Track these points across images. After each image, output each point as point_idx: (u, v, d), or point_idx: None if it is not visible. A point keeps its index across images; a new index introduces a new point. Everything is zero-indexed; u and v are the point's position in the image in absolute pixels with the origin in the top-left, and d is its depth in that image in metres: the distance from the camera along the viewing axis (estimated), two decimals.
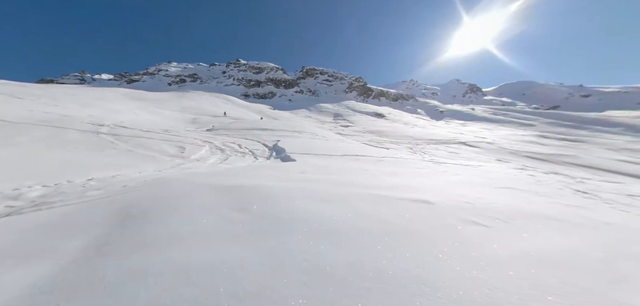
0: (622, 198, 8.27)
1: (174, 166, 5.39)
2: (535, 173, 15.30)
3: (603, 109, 60.98)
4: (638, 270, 1.55)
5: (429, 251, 1.60)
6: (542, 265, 1.52)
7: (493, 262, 1.51)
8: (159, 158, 6.32)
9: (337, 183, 3.28)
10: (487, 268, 1.44)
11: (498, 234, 1.97)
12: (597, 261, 1.62)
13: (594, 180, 14.71)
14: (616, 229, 2.41)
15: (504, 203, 2.92)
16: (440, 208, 2.45)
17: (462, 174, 5.44)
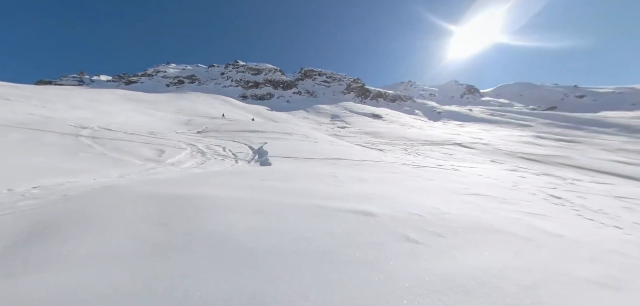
0: (599, 202, 8.04)
1: (141, 171, 5.25)
2: (525, 175, 15.19)
3: (598, 109, 60.92)
4: (560, 301, 1.41)
5: (321, 276, 1.46)
6: (453, 293, 1.38)
7: (392, 289, 1.37)
8: (130, 162, 6.18)
9: (290, 192, 3.14)
10: (379, 297, 1.30)
11: (426, 252, 1.83)
12: (517, 287, 1.48)
13: (584, 181, 14.63)
14: (564, 244, 2.27)
15: (458, 213, 2.78)
16: (380, 221, 2.31)
17: (437, 179, 5.30)
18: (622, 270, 1.87)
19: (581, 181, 14.74)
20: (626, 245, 2.44)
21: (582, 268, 1.83)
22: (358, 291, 1.34)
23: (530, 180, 13.72)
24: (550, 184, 13.00)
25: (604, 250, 2.23)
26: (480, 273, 1.57)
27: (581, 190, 12.13)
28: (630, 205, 9.89)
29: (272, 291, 1.28)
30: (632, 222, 3.58)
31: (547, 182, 13.71)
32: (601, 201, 10.22)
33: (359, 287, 1.38)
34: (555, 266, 1.81)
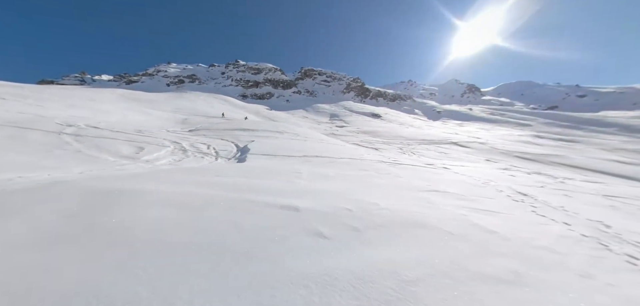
0: (582, 200, 7.89)
1: (106, 167, 5.24)
2: (515, 173, 15.05)
3: (599, 109, 60.23)
4: (437, 296, 1.35)
5: (205, 269, 1.41)
6: (320, 287, 1.33)
7: (267, 281, 1.32)
8: (102, 159, 6.18)
9: (235, 188, 3.10)
10: (249, 288, 1.25)
11: (328, 247, 1.78)
12: (397, 282, 1.42)
13: (576, 180, 14.48)
14: (490, 239, 2.20)
15: (396, 209, 2.72)
16: (301, 215, 2.26)
17: (405, 177, 5.23)
18: (533, 266, 1.80)
19: (572, 179, 14.58)
20: (560, 241, 2.36)
21: (490, 263, 1.76)
22: (232, 283, 1.30)
23: (519, 179, 13.61)
24: (538, 183, 12.87)
25: (532, 246, 2.16)
26: (366, 268, 1.52)
27: (569, 189, 12.01)
28: (616, 204, 9.77)
29: (138, 283, 1.23)
30: (586, 218, 3.49)
31: (536, 181, 13.57)
32: (586, 199, 10.10)
33: (236, 279, 1.34)
34: (461, 261, 1.74)
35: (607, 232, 2.97)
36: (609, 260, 2.11)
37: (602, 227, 3.19)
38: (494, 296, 1.40)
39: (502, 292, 1.44)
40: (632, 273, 1.90)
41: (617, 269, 1.94)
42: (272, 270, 1.45)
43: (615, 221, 3.77)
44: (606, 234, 2.91)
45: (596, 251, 2.26)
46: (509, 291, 1.46)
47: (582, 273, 1.78)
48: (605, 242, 2.56)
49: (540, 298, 1.43)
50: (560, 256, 2.04)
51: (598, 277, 1.76)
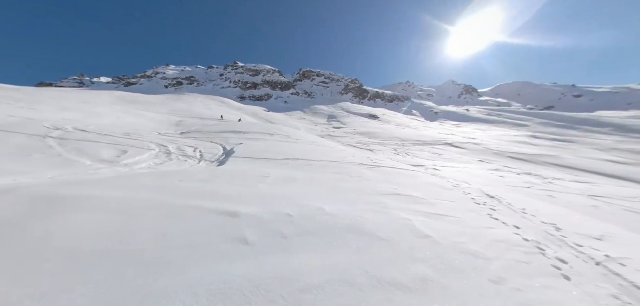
0: (565, 200, 7.91)
1: (79, 172, 5.26)
2: (505, 174, 15.13)
3: (594, 109, 60.37)
4: (316, 300, 1.37)
5: (111, 277, 1.43)
6: (209, 295, 1.35)
7: (168, 288, 1.34)
8: (80, 163, 6.20)
9: (187, 193, 3.12)
10: (148, 295, 1.27)
11: (246, 253, 1.80)
12: (288, 289, 1.44)
13: (565, 180, 14.53)
14: (419, 244, 2.21)
15: (340, 214, 2.74)
16: (235, 221, 2.29)
17: (374, 180, 5.25)
18: (448, 272, 1.82)
19: (562, 180, 14.65)
20: (493, 246, 2.38)
21: (405, 269, 1.79)
22: (121, 292, 1.32)
23: (507, 179, 13.67)
24: (526, 183, 12.94)
25: (459, 251, 2.18)
26: (269, 276, 1.54)
27: (556, 189, 12.08)
28: (599, 204, 9.81)
29: (23, 291, 1.25)
30: (541, 221, 3.50)
31: (524, 181, 13.65)
32: (569, 199, 10.14)
33: (129, 288, 1.36)
34: (375, 268, 1.77)
35: (554, 235, 2.99)
36: (534, 264, 2.12)
37: (552, 230, 3.21)
38: (386, 304, 1.42)
39: (397, 300, 1.46)
40: (547, 278, 1.92)
41: (535, 274, 1.96)
42: (175, 278, 1.48)
43: (577, 223, 3.79)
44: (551, 237, 2.93)
45: (527, 255, 2.28)
46: (404, 298, 1.48)
47: (495, 279, 1.80)
48: (543, 246, 2.58)
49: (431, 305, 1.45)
50: (484, 261, 2.06)
51: (509, 282, 1.78)
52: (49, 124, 11.92)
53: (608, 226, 4.34)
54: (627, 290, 1.90)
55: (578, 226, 3.54)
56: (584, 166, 18.66)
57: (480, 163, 19.09)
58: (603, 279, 2.05)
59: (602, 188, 12.38)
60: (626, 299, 1.76)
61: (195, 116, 32.81)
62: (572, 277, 1.99)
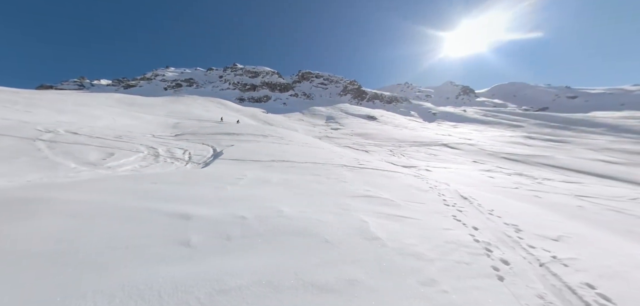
0: (551, 200, 7.92)
1: (60, 175, 5.31)
2: (495, 175, 15.15)
3: (589, 110, 60.51)
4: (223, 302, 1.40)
5: (35, 278, 1.46)
6: (138, 297, 1.38)
7: (92, 287, 1.37)
8: (64, 166, 6.24)
9: (151, 195, 3.15)
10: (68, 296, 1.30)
11: (184, 257, 1.83)
12: (203, 294, 1.47)
13: (555, 181, 14.56)
14: (361, 247, 2.24)
15: (297, 216, 2.78)
16: (185, 223, 2.32)
17: (350, 182, 5.27)
18: (380, 275, 1.85)
19: (551, 180, 14.68)
20: (438, 248, 2.40)
21: (336, 271, 1.82)
22: (39, 293, 1.35)
23: (497, 180, 13.69)
24: (515, 184, 12.97)
25: (401, 253, 2.21)
26: (194, 277, 1.57)
27: (543, 189, 12.11)
28: (585, 204, 9.83)
29: None
30: (504, 223, 3.52)
31: (514, 182, 13.69)
32: (553, 200, 10.15)
33: (48, 288, 1.39)
34: (305, 270, 1.80)
35: (510, 237, 3.02)
36: (474, 266, 2.15)
37: (511, 231, 3.23)
38: (287, 303, 1.45)
39: (314, 301, 1.49)
40: (481, 279, 1.95)
41: (470, 276, 1.98)
42: (101, 280, 1.51)
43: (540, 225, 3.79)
44: (507, 239, 2.96)
45: (471, 257, 2.30)
46: (323, 300, 1.51)
47: (426, 281, 1.83)
48: (493, 247, 2.61)
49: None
50: (424, 263, 2.09)
51: (439, 284, 1.81)
52: (41, 127, 11.96)
53: (576, 226, 4.37)
54: (557, 290, 1.93)
55: (540, 227, 3.56)
56: (576, 167, 18.69)
57: (474, 163, 19.12)
58: (538, 280, 2.07)
59: (591, 188, 12.40)
60: (551, 299, 1.79)
61: (192, 118, 32.83)
62: (507, 278, 2.02)
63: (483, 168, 16.89)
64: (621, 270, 2.42)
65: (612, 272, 2.33)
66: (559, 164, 19.37)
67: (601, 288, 2.03)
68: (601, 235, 4.49)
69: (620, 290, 2.04)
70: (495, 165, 18.20)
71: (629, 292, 2.02)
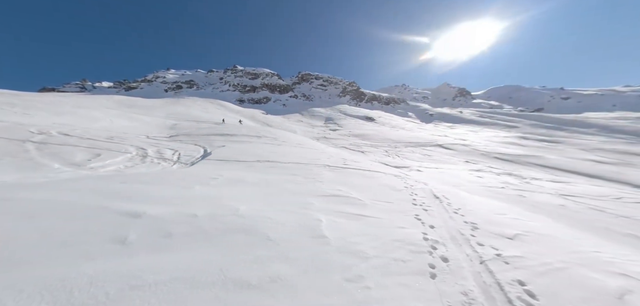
0: (535, 199, 7.80)
1: (39, 175, 5.33)
2: (484, 175, 15.17)
3: (582, 110, 60.57)
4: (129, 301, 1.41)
5: None
6: (49, 292, 1.39)
7: None
8: (48, 167, 6.27)
9: (111, 194, 3.16)
10: None
11: (117, 254, 1.84)
12: (115, 289, 1.48)
13: (542, 180, 14.57)
14: (304, 244, 2.25)
15: (250, 214, 2.80)
16: (138, 220, 2.33)
17: (326, 182, 5.28)
18: (305, 271, 1.86)
19: (540, 180, 14.69)
20: (385, 246, 2.41)
21: (258, 268, 1.83)
22: None
23: (485, 180, 13.70)
24: (502, 183, 12.98)
25: (344, 251, 2.22)
26: (110, 274, 1.58)
27: (530, 189, 12.12)
28: (567, 203, 9.83)
29: None
30: (464, 221, 3.53)
31: (501, 181, 13.70)
32: (536, 199, 10.14)
33: None
34: (230, 266, 1.81)
35: (463, 235, 3.02)
36: (412, 264, 2.16)
37: (467, 230, 3.23)
38: (213, 301, 1.46)
39: (227, 298, 1.50)
40: (410, 276, 1.96)
41: (401, 273, 1.99)
42: (13, 276, 1.52)
43: (500, 223, 3.78)
44: (459, 237, 2.96)
45: (412, 254, 2.31)
46: (238, 296, 1.52)
47: (353, 278, 1.84)
48: (440, 245, 2.62)
49: (260, 302, 1.49)
50: (360, 260, 2.09)
51: (365, 281, 1.81)
52: (35, 129, 11.98)
53: (542, 225, 4.36)
54: (485, 288, 1.93)
55: (501, 225, 3.55)
56: (566, 166, 18.68)
57: (466, 163, 19.12)
58: (472, 277, 2.08)
59: (577, 188, 12.40)
60: (474, 295, 1.80)
61: (191, 120, 32.84)
62: (439, 276, 2.03)
63: (473, 168, 16.89)
64: (562, 267, 2.43)
65: (551, 269, 2.34)
66: (549, 164, 19.37)
67: (532, 284, 2.04)
68: (569, 233, 4.50)
69: (550, 287, 2.04)
70: (486, 165, 18.20)
71: (558, 288, 2.02)
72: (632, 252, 4.57)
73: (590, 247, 3.44)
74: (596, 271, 2.52)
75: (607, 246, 4.10)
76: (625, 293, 2.12)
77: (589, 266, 2.66)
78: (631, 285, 2.33)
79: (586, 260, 2.84)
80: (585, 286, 2.14)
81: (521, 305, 1.78)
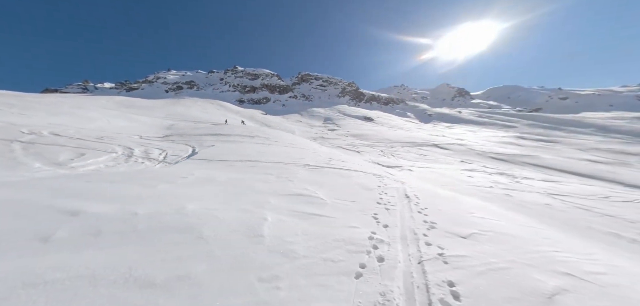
0: (521, 198, 7.72)
1: (16, 175, 5.34)
2: (475, 174, 15.10)
3: (579, 110, 60.29)
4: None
5: None
6: None
7: None
8: (29, 166, 6.31)
9: (64, 192, 3.14)
10: None
11: (35, 251, 1.81)
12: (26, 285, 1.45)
13: (534, 179, 14.50)
14: (233, 242, 2.21)
15: (197, 213, 2.75)
16: (74, 218, 2.31)
17: (300, 180, 5.24)
18: (220, 272, 1.82)
19: (531, 179, 14.62)
20: (324, 246, 2.37)
21: (169, 266, 1.80)
22: None
23: (475, 179, 13.63)
24: (492, 182, 12.91)
25: (274, 250, 2.18)
26: (14, 271, 1.55)
27: (518, 188, 12.05)
28: (553, 202, 9.75)
29: None
30: (423, 221, 3.47)
31: (491, 180, 13.65)
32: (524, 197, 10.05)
33: None
34: (145, 264, 1.77)
35: (416, 235, 2.96)
36: (341, 264, 2.11)
37: (424, 229, 3.17)
38: (108, 300, 1.43)
39: (125, 296, 1.47)
40: (333, 276, 1.91)
41: (324, 273, 1.95)
42: None
43: (457, 223, 3.71)
44: (412, 236, 2.91)
45: (347, 254, 2.26)
46: (137, 295, 1.49)
47: (267, 278, 1.80)
48: (382, 246, 2.57)
49: (158, 301, 1.46)
50: (283, 260, 2.05)
51: (279, 281, 1.77)
52: (26, 129, 12.01)
53: (504, 224, 4.28)
54: (410, 289, 1.89)
55: (460, 225, 3.49)
56: (561, 166, 18.55)
57: (461, 163, 19.03)
58: (401, 277, 2.03)
59: (567, 187, 12.30)
60: (393, 297, 1.75)
61: (189, 120, 32.90)
62: (365, 276, 1.98)
63: (466, 168, 16.80)
64: (505, 267, 2.38)
65: (491, 270, 2.28)
66: (543, 163, 19.24)
67: (462, 285, 1.99)
68: (539, 232, 4.42)
69: (481, 287, 1.99)
70: (481, 165, 18.11)
71: (488, 289, 1.97)
72: (601, 250, 4.50)
73: (550, 246, 3.38)
74: (541, 271, 2.46)
75: (575, 245, 4.02)
76: (558, 293, 2.07)
77: (537, 266, 2.60)
78: (570, 284, 2.28)
79: (537, 259, 2.78)
80: (520, 286, 2.09)
81: (439, 305, 1.73)
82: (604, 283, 2.45)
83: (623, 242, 6.40)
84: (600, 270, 2.87)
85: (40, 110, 21.75)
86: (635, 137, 29.01)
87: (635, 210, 9.14)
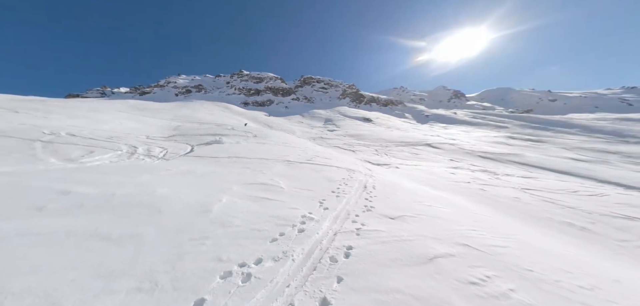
0: (496, 193, 7.97)
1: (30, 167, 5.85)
2: (459, 171, 15.35)
3: (567, 112, 59.94)
4: None
5: None
6: None
7: None
8: (46, 161, 6.83)
9: (66, 178, 3.60)
10: None
11: (31, 215, 2.27)
12: None
13: (514, 176, 14.73)
14: (185, 216, 2.65)
15: (164, 196, 3.20)
16: (64, 196, 2.76)
17: (273, 174, 5.66)
18: (162, 232, 2.25)
19: (511, 176, 14.83)
20: (261, 221, 2.79)
21: (120, 228, 2.23)
22: None
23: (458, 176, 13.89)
24: (472, 179, 13.18)
25: (214, 222, 2.60)
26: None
27: (495, 183, 12.31)
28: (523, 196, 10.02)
29: None
30: (364, 206, 3.86)
31: (471, 176, 13.91)
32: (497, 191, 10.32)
33: None
34: (100, 231, 2.21)
35: (348, 215, 3.36)
36: (265, 232, 2.53)
37: (358, 211, 3.57)
38: (68, 244, 1.88)
39: (86, 244, 1.91)
40: (253, 241, 2.33)
41: (246, 238, 2.37)
42: None
43: (405, 208, 4.06)
44: (343, 216, 3.31)
45: (276, 227, 2.68)
46: (94, 243, 1.93)
47: (198, 238, 2.23)
48: (311, 223, 2.98)
49: (112, 249, 1.90)
50: (220, 228, 2.48)
51: (207, 241, 2.20)
52: (47, 130, 12.68)
53: (444, 211, 4.63)
54: (312, 250, 2.29)
55: (398, 209, 3.87)
56: (542, 164, 18.69)
57: (450, 161, 19.28)
58: (310, 243, 2.44)
59: (541, 182, 12.53)
60: (293, 254, 2.16)
61: (194, 121, 33.48)
62: (280, 240, 2.40)
63: (452, 165, 17.06)
64: (410, 239, 2.75)
65: (395, 240, 2.67)
66: (527, 161, 19.39)
67: (359, 249, 2.38)
68: (480, 218, 4.76)
69: (372, 250, 2.38)
70: (468, 163, 18.33)
71: (376, 251, 2.36)
72: (539, 234, 4.82)
73: (471, 228, 3.73)
74: (442, 243, 2.82)
75: (511, 230, 4.32)
76: (442, 257, 2.43)
77: (442, 239, 2.96)
78: (461, 252, 2.63)
79: (447, 235, 3.13)
80: (410, 252, 2.47)
81: (327, 260, 2.14)
82: (493, 253, 2.81)
83: (573, 229, 6.73)
84: (503, 243, 3.21)
85: (61, 113, 22.58)
86: (617, 137, 28.85)
87: (596, 203, 9.38)
